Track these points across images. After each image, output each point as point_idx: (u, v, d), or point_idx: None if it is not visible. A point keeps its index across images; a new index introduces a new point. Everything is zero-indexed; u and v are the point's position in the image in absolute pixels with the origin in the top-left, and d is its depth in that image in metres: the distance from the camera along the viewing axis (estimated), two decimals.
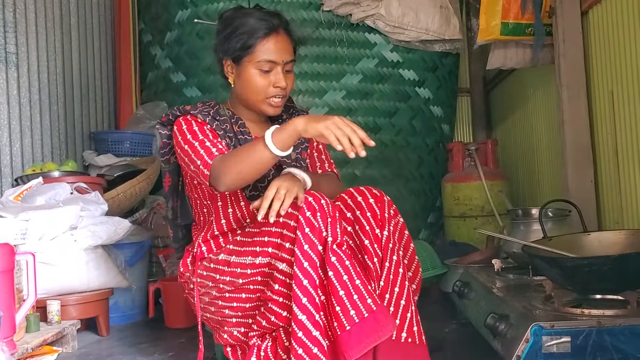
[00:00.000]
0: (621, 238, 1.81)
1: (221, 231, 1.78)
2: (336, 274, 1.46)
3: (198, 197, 1.82)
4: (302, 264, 1.46)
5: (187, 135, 1.71)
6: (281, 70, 1.75)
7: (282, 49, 1.75)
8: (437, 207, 3.95)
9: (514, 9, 2.88)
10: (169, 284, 2.71)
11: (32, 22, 3.07)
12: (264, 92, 1.75)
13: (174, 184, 1.91)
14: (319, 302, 1.46)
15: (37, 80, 3.09)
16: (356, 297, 1.46)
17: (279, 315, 1.55)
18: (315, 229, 1.48)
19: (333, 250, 1.48)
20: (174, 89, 3.77)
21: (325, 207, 1.51)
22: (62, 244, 2.41)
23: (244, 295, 1.65)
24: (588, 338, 1.47)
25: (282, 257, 1.52)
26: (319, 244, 1.48)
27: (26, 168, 2.96)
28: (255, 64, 1.73)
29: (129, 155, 3.50)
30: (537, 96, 3.60)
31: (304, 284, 1.45)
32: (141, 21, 4.08)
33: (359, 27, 3.68)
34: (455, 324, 2.43)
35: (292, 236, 1.50)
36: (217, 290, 1.70)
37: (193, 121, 1.74)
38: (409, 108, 3.79)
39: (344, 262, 1.48)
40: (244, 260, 1.62)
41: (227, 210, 1.76)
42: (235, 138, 1.77)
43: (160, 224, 3.17)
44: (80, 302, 2.47)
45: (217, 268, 1.70)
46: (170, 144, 1.83)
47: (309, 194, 1.53)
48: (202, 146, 1.66)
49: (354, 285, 1.47)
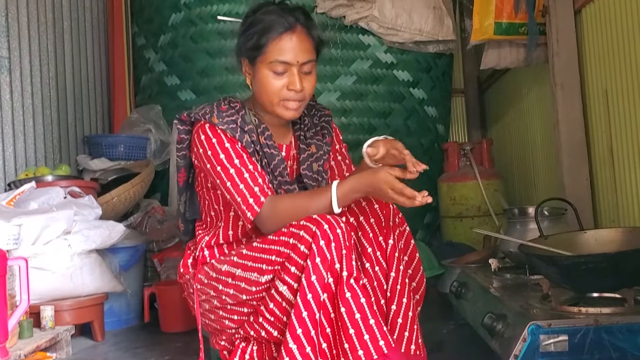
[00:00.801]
0: (617, 236, 1.80)
1: (227, 241, 1.73)
2: (348, 311, 1.41)
3: (209, 199, 1.76)
4: (306, 295, 1.42)
5: (219, 155, 1.61)
6: (297, 72, 1.63)
7: (298, 49, 1.63)
8: (433, 208, 3.94)
9: (507, 8, 2.87)
10: (165, 288, 2.69)
11: (25, 26, 3.05)
12: (277, 95, 1.64)
13: (187, 179, 1.83)
14: (314, 336, 1.42)
15: (30, 85, 3.07)
16: (367, 337, 1.41)
17: (269, 333, 1.53)
18: (327, 260, 1.43)
19: (349, 286, 1.43)
20: (168, 92, 3.75)
21: (340, 237, 1.45)
22: (56, 249, 2.39)
23: (246, 310, 1.62)
24: (585, 336, 1.47)
25: (284, 279, 1.47)
26: (329, 277, 1.43)
27: (19, 173, 2.94)
28: (268, 65, 1.63)
29: (123, 159, 3.48)
30: (532, 96, 3.60)
31: (303, 316, 1.41)
32: (134, 25, 4.06)
33: (353, 28, 3.67)
34: (453, 324, 2.42)
35: (299, 261, 1.45)
36: (219, 300, 1.66)
37: (223, 136, 1.63)
38: (403, 109, 3.79)
39: (359, 299, 1.42)
40: (249, 275, 1.56)
41: (238, 222, 1.70)
42: (262, 150, 1.68)
43: (155, 227, 3.15)
44: (75, 307, 2.44)
45: (219, 278, 1.64)
46: (187, 139, 1.73)
47: (325, 220, 1.46)
48: (241, 179, 1.58)
49: (367, 325, 1.41)
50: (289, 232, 1.50)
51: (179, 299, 2.61)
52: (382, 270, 1.63)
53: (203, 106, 1.70)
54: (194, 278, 1.75)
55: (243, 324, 1.63)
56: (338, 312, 1.43)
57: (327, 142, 1.84)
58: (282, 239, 1.51)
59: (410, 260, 1.73)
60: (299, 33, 1.64)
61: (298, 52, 1.63)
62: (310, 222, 1.48)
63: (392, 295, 1.61)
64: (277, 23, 1.63)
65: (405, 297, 1.62)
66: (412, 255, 1.74)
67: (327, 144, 1.84)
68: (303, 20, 1.67)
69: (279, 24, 1.63)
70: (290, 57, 1.62)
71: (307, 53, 1.65)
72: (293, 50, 1.62)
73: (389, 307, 1.60)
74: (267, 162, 1.69)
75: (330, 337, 1.45)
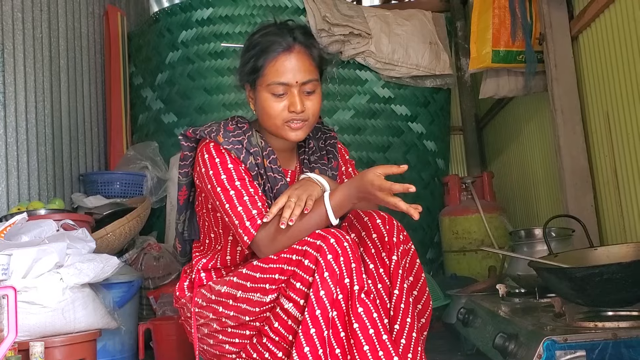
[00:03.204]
0: (630, 251, 1.74)
1: (224, 265, 1.67)
2: (362, 327, 1.35)
3: (209, 222, 1.71)
4: (314, 311, 1.35)
5: (220, 175, 1.57)
6: (297, 93, 1.58)
7: (296, 69, 1.59)
8: (435, 243, 3.87)
9: (504, 36, 2.87)
10: (160, 323, 2.59)
11: (21, 62, 3.04)
12: (279, 117, 1.60)
13: (188, 197, 1.79)
14: (322, 355, 1.34)
15: (25, 121, 3.04)
16: (382, 353, 1.34)
17: (274, 354, 1.44)
18: (336, 275, 1.37)
19: (361, 300, 1.37)
20: (166, 130, 3.73)
21: (349, 250, 1.40)
22: (47, 282, 2.29)
23: (248, 332, 1.54)
24: (604, 351, 1.39)
25: (289, 295, 1.40)
26: (338, 292, 1.37)
27: (11, 209, 2.87)
28: (267, 87, 1.59)
29: (119, 196, 3.42)
30: (531, 128, 3.57)
31: (311, 333, 1.34)
32: (132, 64, 4.08)
33: (350, 64, 3.69)
34: (460, 355, 2.32)
35: (305, 277, 1.39)
36: (219, 323, 1.58)
37: (227, 156, 1.59)
38: (402, 143, 3.76)
39: (372, 314, 1.37)
40: (251, 296, 1.49)
41: (236, 247, 1.65)
42: (265, 174, 1.64)
43: (151, 264, 3.07)
44: (66, 343, 2.33)
45: (219, 300, 1.57)
46: (191, 156, 1.70)
47: (330, 234, 1.41)
48: (240, 201, 1.53)
49: (381, 340, 1.35)
50: (291, 249, 1.45)
51: (175, 334, 2.51)
52: (385, 288, 1.54)
53: (210, 124, 1.67)
54: (190, 302, 1.67)
55: (245, 347, 1.54)
56: (350, 328, 1.35)
57: (332, 166, 1.79)
58: (285, 256, 1.45)
59: (415, 281, 1.64)
60: (297, 52, 1.61)
61: (297, 72, 1.59)
62: (313, 237, 1.43)
63: (396, 314, 1.51)
64: (274, 44, 1.60)
65: (410, 317, 1.52)
66: (417, 276, 1.64)
67: (333, 169, 1.79)
68: (302, 39, 1.63)
69: (276, 44, 1.60)
70: (289, 77, 1.58)
71: (306, 72, 1.61)
72: (292, 70, 1.59)
73: (392, 327, 1.50)
74: (270, 186, 1.65)
75: (340, 359, 1.36)
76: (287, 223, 1.44)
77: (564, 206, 2.73)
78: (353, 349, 1.35)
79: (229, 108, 3.52)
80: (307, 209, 1.48)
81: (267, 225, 1.51)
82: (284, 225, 1.44)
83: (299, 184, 1.58)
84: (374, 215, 1.61)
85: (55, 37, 3.41)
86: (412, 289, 1.62)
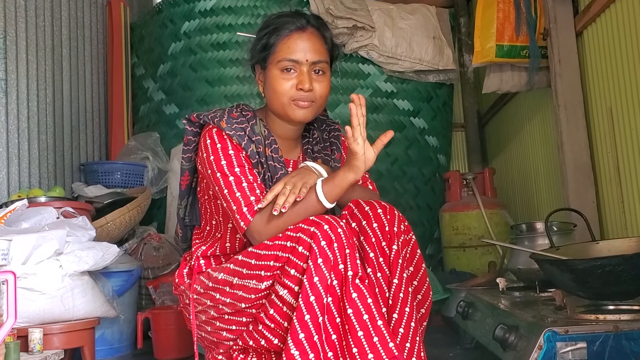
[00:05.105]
0: (632, 245, 1.74)
1: (223, 252, 1.68)
2: (356, 313, 1.34)
3: (210, 209, 1.71)
4: (308, 297, 1.34)
5: (221, 161, 1.57)
6: (306, 71, 1.59)
7: (308, 48, 1.60)
8: (435, 239, 3.86)
9: (508, 31, 2.86)
10: (159, 312, 2.59)
11: (23, 50, 3.03)
12: (287, 94, 1.61)
13: (190, 183, 1.79)
14: (317, 341, 1.33)
15: (26, 109, 3.03)
16: (376, 339, 1.32)
17: (269, 341, 1.44)
18: (329, 261, 1.36)
19: (355, 286, 1.36)
20: (167, 121, 3.73)
21: (342, 237, 1.39)
22: (47, 269, 2.29)
23: (244, 319, 1.53)
24: (605, 343, 1.38)
25: (284, 282, 1.40)
26: (332, 278, 1.36)
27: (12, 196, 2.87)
28: (277, 64, 1.61)
29: (120, 186, 3.41)
30: (533, 125, 3.56)
31: (305, 319, 1.33)
32: (134, 55, 4.07)
33: (353, 57, 3.67)
34: (459, 349, 2.32)
35: (299, 264, 1.38)
36: (216, 310, 1.58)
37: (229, 142, 1.60)
38: (404, 138, 3.75)
39: (366, 299, 1.35)
40: (247, 283, 1.49)
41: (236, 234, 1.65)
42: (266, 163, 1.64)
43: (151, 254, 3.06)
44: (64, 330, 2.33)
45: (216, 287, 1.57)
46: (194, 141, 1.70)
47: (323, 220, 1.41)
48: (238, 187, 1.54)
49: (375, 326, 1.33)
50: (285, 236, 1.44)
51: (174, 324, 2.51)
52: (384, 277, 1.52)
53: (215, 110, 1.68)
54: (189, 288, 1.67)
55: (241, 334, 1.54)
56: (345, 314, 1.34)
57: (335, 158, 1.80)
58: (279, 243, 1.45)
59: (415, 271, 1.63)
60: (309, 33, 1.63)
61: (308, 52, 1.61)
62: (307, 223, 1.42)
63: (394, 303, 1.50)
64: (288, 23, 1.63)
65: (408, 307, 1.51)
66: (417, 266, 1.63)
67: (336, 160, 1.79)
68: (315, 22, 1.66)
69: (290, 24, 1.63)
70: (300, 55, 1.60)
71: (317, 53, 1.62)
72: (303, 49, 1.61)
73: (390, 316, 1.49)
74: (269, 175, 1.65)
75: (336, 345, 1.35)
76: (280, 210, 1.45)
77: (566, 202, 2.72)
78: (348, 334, 1.34)
79: (231, 100, 3.52)
80: (299, 196, 1.48)
81: (261, 212, 1.52)
82: (276, 212, 1.45)
83: (296, 172, 1.58)
84: (375, 204, 1.59)
85: (58, 25, 3.40)
86: (412, 279, 1.61)
